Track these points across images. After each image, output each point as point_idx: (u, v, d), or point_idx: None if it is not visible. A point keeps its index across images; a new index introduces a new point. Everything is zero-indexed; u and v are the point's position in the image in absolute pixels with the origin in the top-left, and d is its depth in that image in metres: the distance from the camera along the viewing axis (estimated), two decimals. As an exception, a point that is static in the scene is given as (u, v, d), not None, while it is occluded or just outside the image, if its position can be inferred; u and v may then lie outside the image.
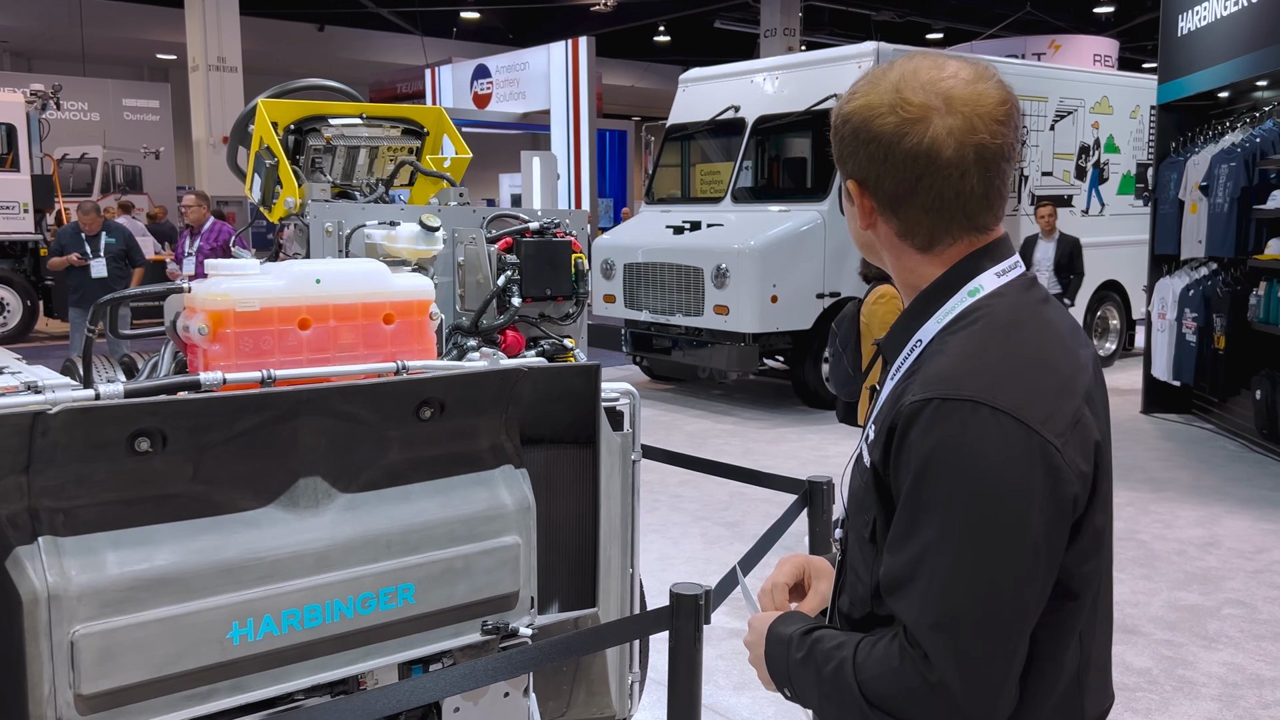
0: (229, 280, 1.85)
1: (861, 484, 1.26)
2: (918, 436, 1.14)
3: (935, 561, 1.11)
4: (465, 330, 2.55)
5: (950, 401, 1.13)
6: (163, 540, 1.68)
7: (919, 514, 1.13)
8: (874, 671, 1.16)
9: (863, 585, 1.26)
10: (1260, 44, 6.92)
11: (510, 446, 2.03)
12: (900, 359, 1.26)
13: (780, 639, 1.29)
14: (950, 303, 1.24)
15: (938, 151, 1.18)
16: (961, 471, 1.11)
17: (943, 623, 1.11)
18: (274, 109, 2.61)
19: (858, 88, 1.25)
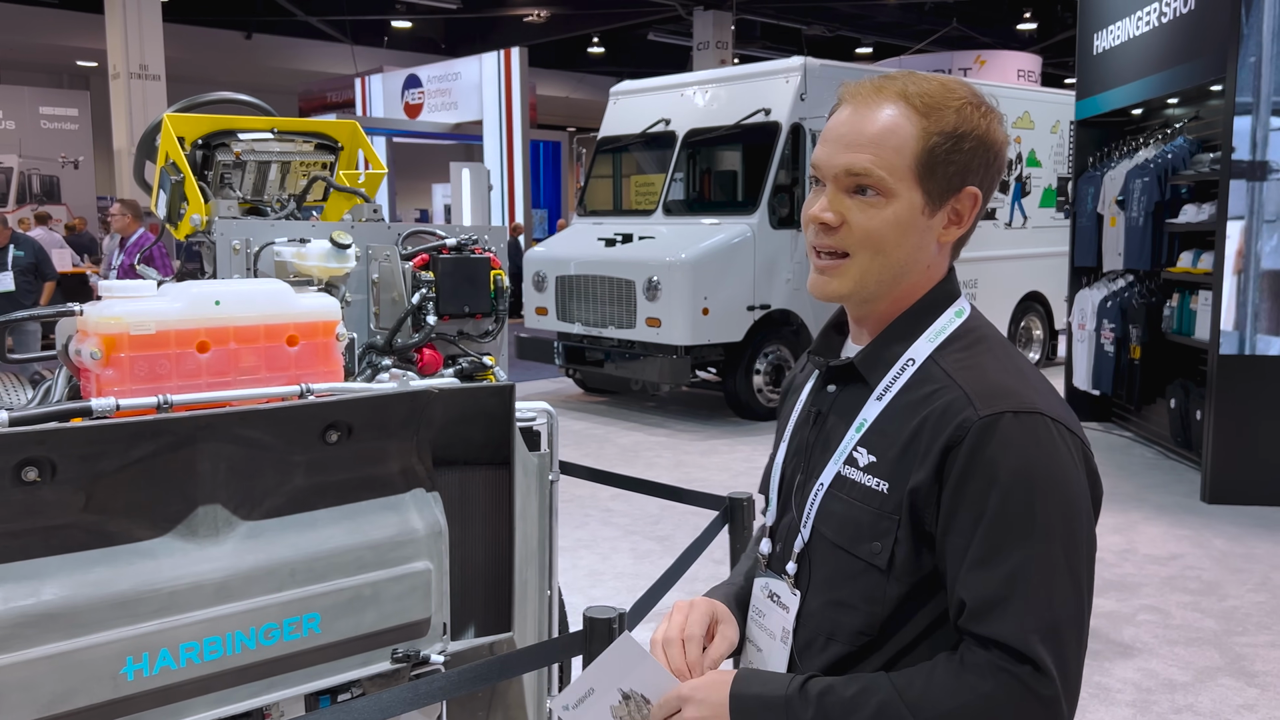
0: (123, 302, 1.79)
1: (864, 512, 1.21)
2: (997, 451, 1.13)
3: (1038, 574, 1.11)
4: (380, 349, 2.51)
5: (1024, 415, 1.15)
6: (51, 574, 1.61)
7: (1008, 529, 1.12)
8: (947, 705, 1.11)
9: (857, 616, 1.21)
10: (1170, 63, 7.15)
11: (422, 469, 2.00)
12: (890, 378, 1.24)
13: (765, 702, 1.18)
14: (939, 323, 1.25)
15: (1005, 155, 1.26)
16: (1052, 485, 1.13)
17: (1053, 634, 1.11)
18: (180, 123, 2.54)
19: (960, 99, 1.23)
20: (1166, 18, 7.20)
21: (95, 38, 18.58)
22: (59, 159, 19.81)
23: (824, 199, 1.24)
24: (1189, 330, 7.12)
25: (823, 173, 1.25)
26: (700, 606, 1.34)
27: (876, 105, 1.23)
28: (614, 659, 1.32)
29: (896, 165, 1.21)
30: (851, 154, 1.21)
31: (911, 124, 1.21)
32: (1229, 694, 3.83)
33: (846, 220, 1.22)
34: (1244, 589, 4.89)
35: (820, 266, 1.26)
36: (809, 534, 1.27)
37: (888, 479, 1.19)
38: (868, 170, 1.21)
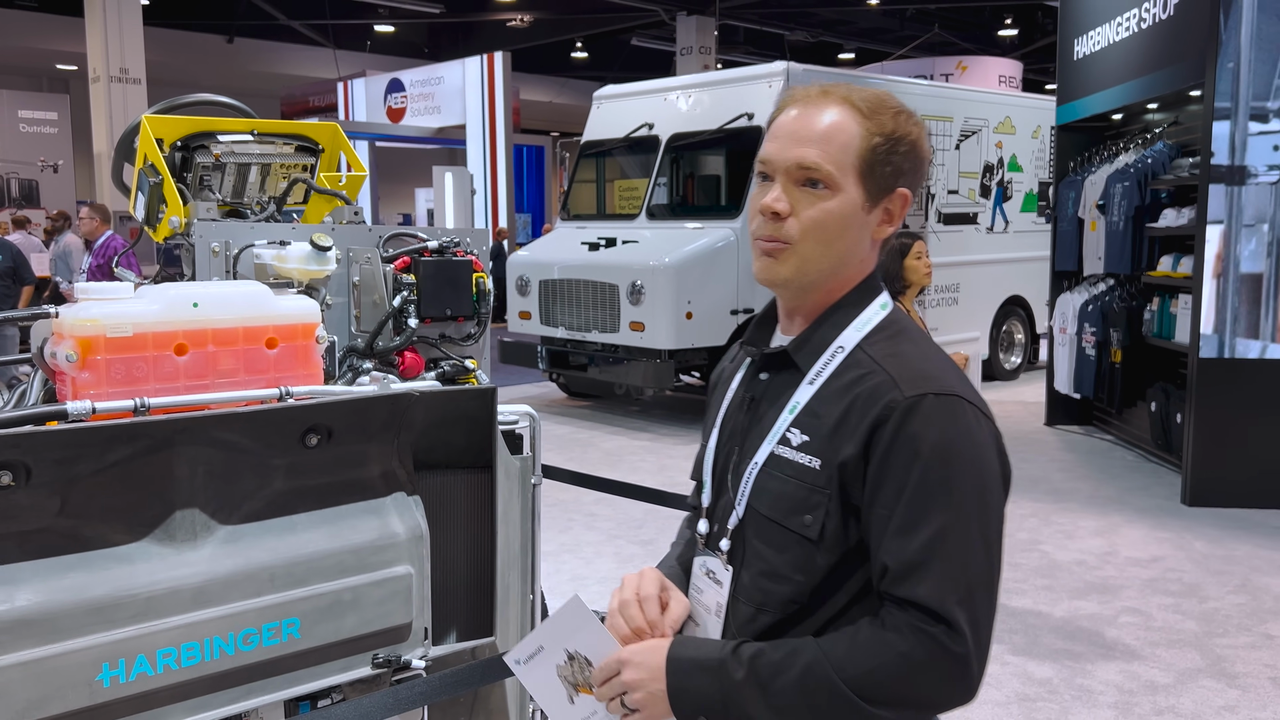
0: (99, 304, 1.77)
1: (797, 487, 1.29)
2: (920, 427, 1.23)
3: (955, 541, 1.21)
4: (360, 352, 2.49)
5: (944, 397, 1.25)
6: (25, 579, 1.59)
7: (929, 499, 1.21)
8: (868, 664, 1.20)
9: (788, 586, 1.29)
10: (1150, 68, 7.20)
11: (403, 473, 1.98)
12: (820, 364, 1.33)
13: (700, 665, 1.26)
14: (865, 314, 1.36)
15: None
16: (967, 459, 1.24)
17: (967, 597, 1.20)
18: (159, 125, 2.52)
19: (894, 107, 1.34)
20: (1146, 23, 7.25)
21: (75, 41, 18.45)
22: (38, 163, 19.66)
23: (776, 190, 1.32)
24: (1169, 334, 7.17)
25: (773, 167, 1.33)
26: (650, 574, 1.41)
27: (823, 106, 1.33)
28: (563, 620, 1.38)
29: (842, 161, 1.31)
30: (802, 149, 1.31)
31: (856, 124, 1.31)
32: (1210, 695, 3.85)
33: (795, 211, 1.32)
34: (1224, 591, 4.92)
35: (768, 249, 1.33)
36: (743, 511, 1.35)
37: (819, 456, 1.28)
38: (817, 164, 1.30)
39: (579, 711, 1.39)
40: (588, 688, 1.38)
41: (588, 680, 1.37)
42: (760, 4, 20.88)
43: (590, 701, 1.38)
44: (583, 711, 1.39)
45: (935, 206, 10.27)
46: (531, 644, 1.43)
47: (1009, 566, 5.27)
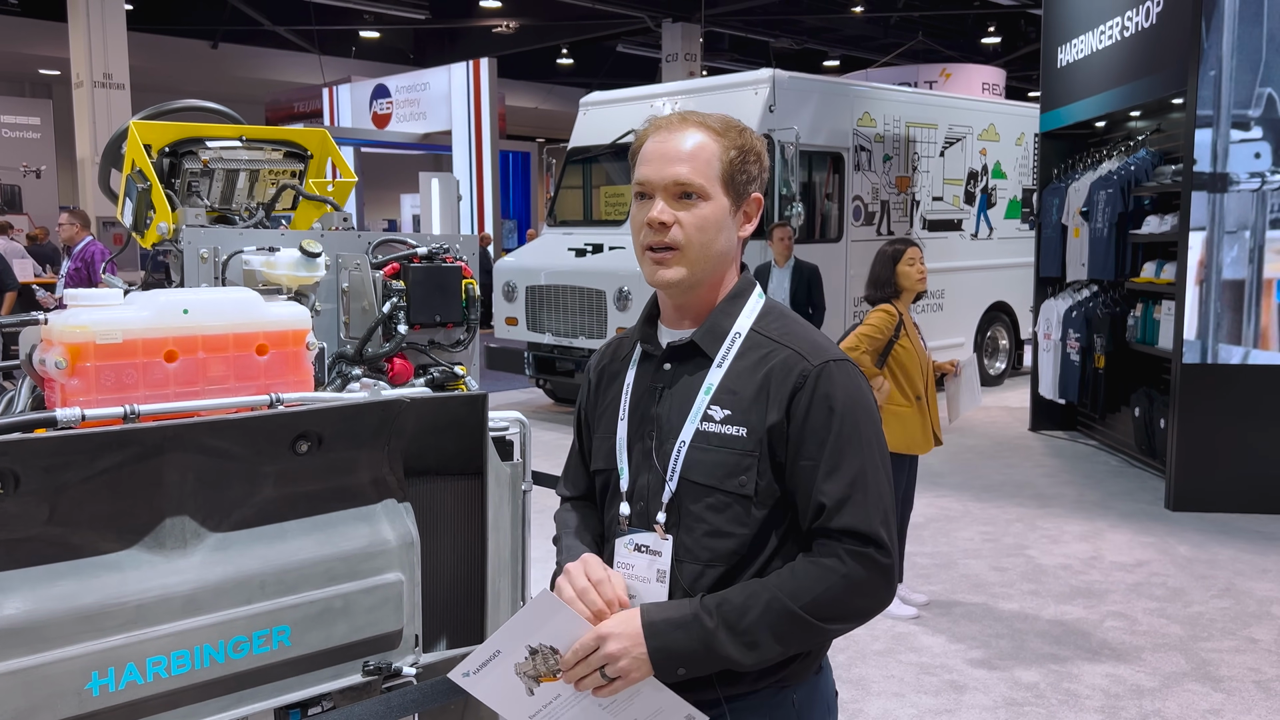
0: (89, 311, 1.76)
1: (728, 454, 1.50)
2: (829, 389, 1.48)
3: (870, 476, 1.47)
4: (350, 359, 2.49)
5: (841, 362, 1.52)
6: (14, 587, 1.58)
7: (844, 447, 1.47)
8: (816, 590, 1.43)
9: (732, 540, 1.49)
10: (1133, 76, 7.26)
11: (393, 479, 1.98)
12: (724, 349, 1.55)
13: (674, 623, 1.43)
14: (749, 304, 1.59)
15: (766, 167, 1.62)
16: (866, 410, 1.51)
17: (887, 518, 1.47)
18: (147, 131, 2.51)
19: (739, 125, 1.58)
20: (1129, 32, 7.31)
21: (58, 46, 18.34)
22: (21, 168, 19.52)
23: (659, 204, 1.52)
24: (1152, 339, 7.22)
25: (652, 186, 1.53)
26: (591, 559, 1.54)
27: (684, 130, 1.55)
28: (530, 616, 1.46)
29: (709, 174, 1.53)
30: (675, 167, 1.52)
31: (714, 142, 1.54)
32: (1195, 699, 3.87)
33: (678, 220, 1.51)
34: (1208, 595, 4.95)
35: (657, 259, 1.53)
36: (675, 484, 1.53)
37: (744, 425, 1.50)
38: (689, 179, 1.51)
39: (539, 699, 1.48)
40: (551, 676, 1.46)
41: (552, 669, 1.46)
42: (745, 11, 20.93)
43: (552, 688, 1.47)
44: (544, 698, 1.47)
45: (920, 213, 10.31)
46: (486, 652, 1.50)
47: (994, 570, 5.29)
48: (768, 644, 1.42)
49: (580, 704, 1.47)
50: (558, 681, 1.46)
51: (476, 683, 1.50)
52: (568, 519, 1.75)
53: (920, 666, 4.11)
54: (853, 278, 9.48)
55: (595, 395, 1.73)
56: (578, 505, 1.76)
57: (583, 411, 1.77)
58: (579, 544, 1.67)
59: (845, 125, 9.52)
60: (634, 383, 1.64)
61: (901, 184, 10.12)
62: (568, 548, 1.67)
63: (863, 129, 9.69)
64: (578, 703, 1.47)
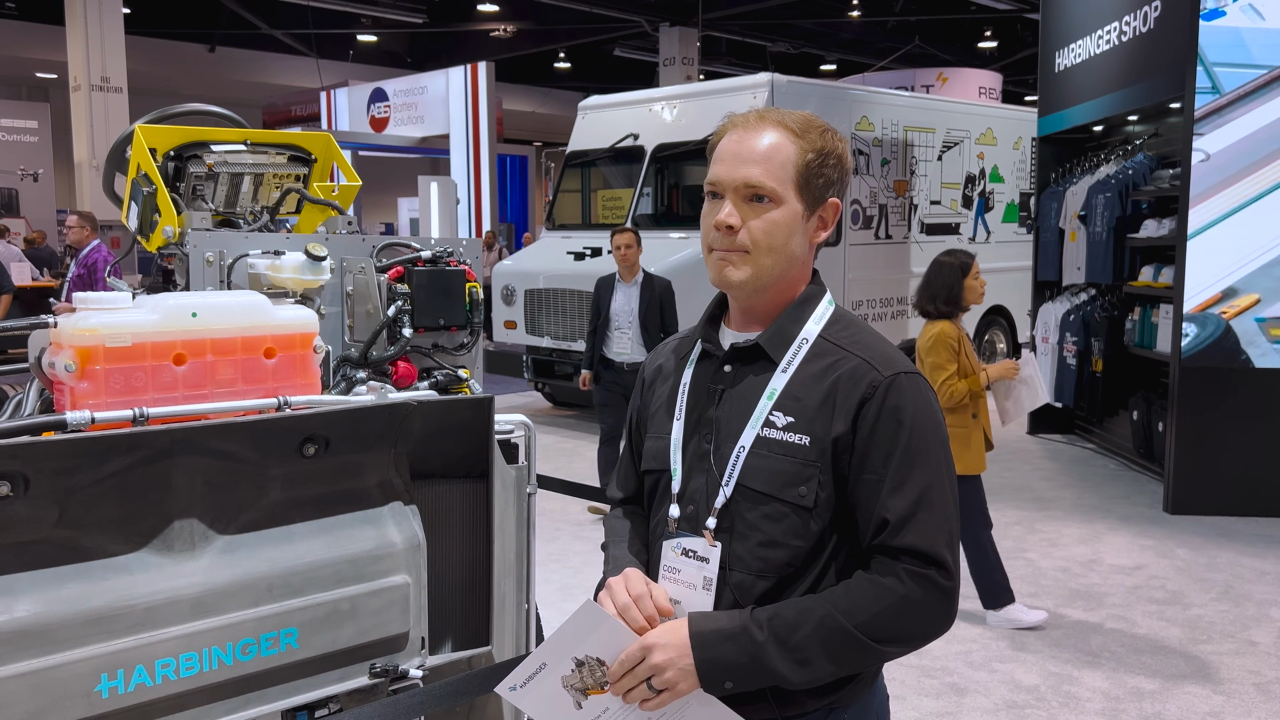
0: (98, 314, 1.76)
1: (789, 463, 1.44)
2: (899, 401, 1.42)
3: (937, 494, 1.41)
4: (354, 362, 2.49)
5: (912, 375, 1.46)
6: (24, 590, 1.58)
7: (912, 462, 1.41)
8: (873, 609, 1.38)
9: (786, 551, 1.44)
10: (1130, 80, 7.28)
11: (399, 482, 1.98)
12: (790, 354, 1.50)
13: (723, 634, 1.39)
14: (819, 309, 1.54)
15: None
16: (936, 425, 1.45)
17: (951, 540, 1.41)
18: (152, 134, 2.51)
19: (821, 126, 1.52)
20: (1126, 36, 7.33)
21: (55, 49, 18.34)
22: (18, 171, 19.50)
23: (727, 206, 1.48)
24: (1150, 343, 7.24)
25: (722, 186, 1.50)
26: (633, 574, 1.49)
27: (761, 130, 1.50)
28: (576, 626, 1.42)
29: (782, 177, 1.48)
30: (747, 168, 1.47)
31: (791, 144, 1.48)
32: (1196, 701, 3.88)
33: (746, 223, 1.48)
34: (1207, 598, 4.96)
35: (724, 258, 1.50)
36: (731, 490, 1.48)
37: (807, 433, 1.44)
38: (761, 181, 1.47)
39: (588, 714, 1.43)
40: (599, 688, 1.42)
41: (599, 681, 1.42)
42: (743, 15, 20.97)
43: (600, 701, 1.42)
44: (593, 712, 1.44)
45: (918, 217, 10.34)
46: (532, 664, 1.46)
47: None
48: (819, 662, 1.37)
49: (630, 717, 1.43)
50: (605, 694, 1.42)
51: (524, 696, 1.47)
52: (617, 526, 1.71)
53: (920, 669, 4.12)
54: (851, 281, 9.50)
55: (647, 395, 1.69)
56: (628, 512, 1.72)
57: (633, 414, 1.73)
58: (625, 555, 1.62)
59: (843, 129, 9.53)
60: (692, 383, 1.59)
61: (899, 188, 10.15)
62: (614, 558, 1.63)
63: (861, 133, 9.71)
64: (626, 717, 1.43)
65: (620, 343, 6.30)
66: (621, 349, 6.29)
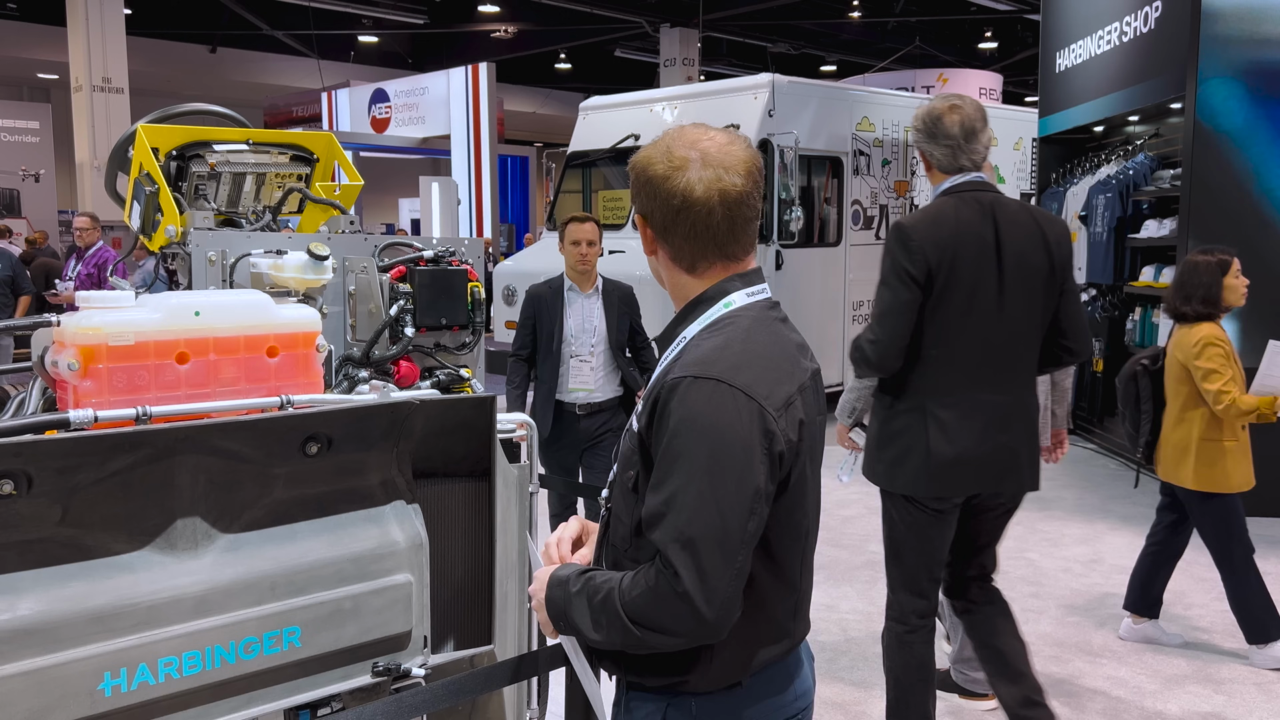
0: (101, 313, 1.77)
1: (629, 446, 1.59)
2: (675, 405, 1.49)
3: (683, 498, 1.45)
4: (357, 361, 2.49)
5: (700, 380, 1.50)
6: (27, 588, 1.59)
7: (672, 463, 1.47)
8: (634, 593, 1.48)
9: (624, 527, 1.59)
10: (1131, 81, 7.29)
11: (402, 481, 1.99)
12: (669, 352, 1.62)
13: (558, 581, 1.58)
14: (709, 312, 1.61)
15: (690, 193, 1.56)
16: (703, 431, 1.47)
17: (687, 543, 1.44)
18: (155, 134, 2.52)
19: (645, 144, 1.64)
20: (1127, 37, 7.34)
21: (57, 50, 18.34)
22: (19, 172, 19.51)
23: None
24: (1151, 343, 7.24)
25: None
26: (575, 521, 1.74)
27: None
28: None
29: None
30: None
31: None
32: (1196, 701, 3.88)
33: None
34: (1208, 598, 4.96)
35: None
36: (616, 469, 1.67)
37: (641, 423, 1.57)
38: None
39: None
40: None
41: None
42: (743, 16, 20.97)
43: None
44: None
45: (919, 217, 10.33)
46: None
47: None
48: (604, 629, 1.51)
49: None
50: None
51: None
52: None
53: (922, 669, 4.12)
54: (851, 282, 9.49)
55: None
56: None
57: None
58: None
59: (844, 130, 9.54)
60: None
61: (900, 188, 10.15)
62: None
63: (861, 133, 9.71)
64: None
65: (580, 376, 4.62)
66: (582, 384, 4.62)
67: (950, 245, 2.89)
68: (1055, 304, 3.03)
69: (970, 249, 2.91)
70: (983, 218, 2.94)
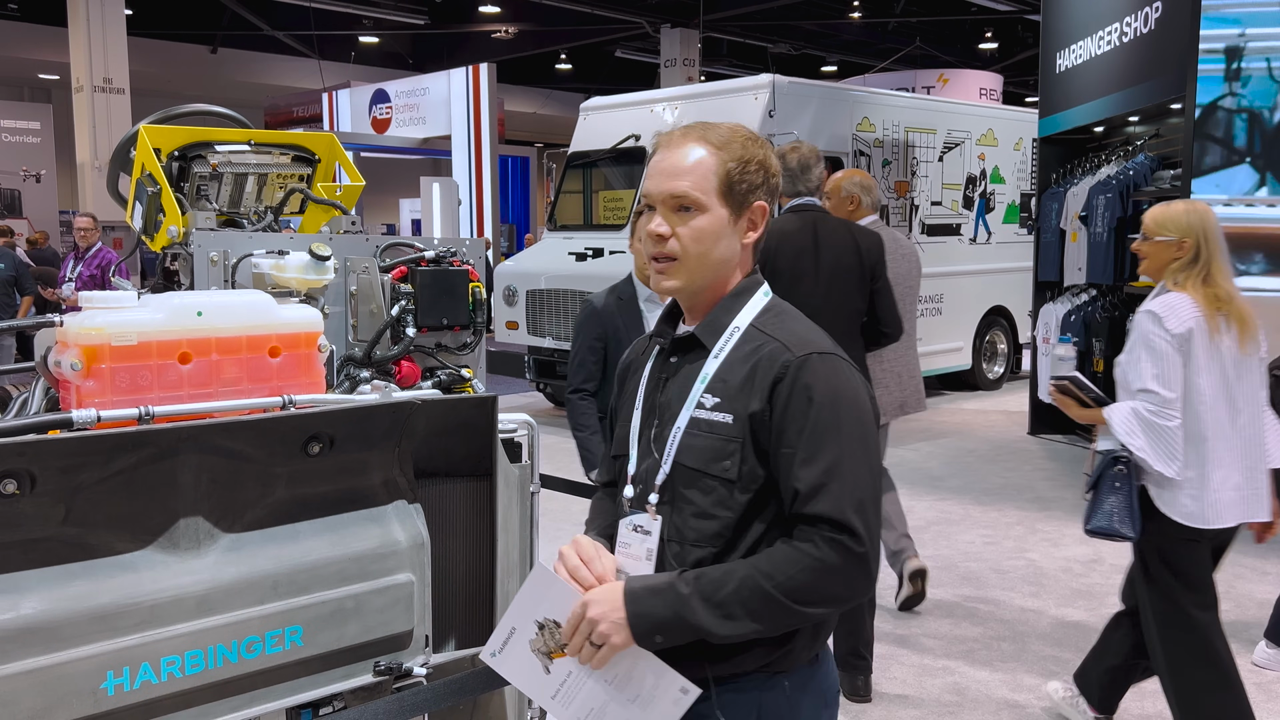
0: (104, 313, 1.77)
1: (715, 440, 1.58)
2: (810, 380, 1.54)
3: (846, 465, 1.52)
4: (358, 361, 2.50)
5: (825, 355, 1.58)
6: (30, 587, 1.59)
7: (822, 436, 1.52)
8: (790, 571, 1.49)
9: (717, 521, 1.57)
10: (1131, 81, 7.29)
11: (403, 481, 1.99)
12: (722, 341, 1.63)
13: (652, 589, 1.52)
14: (752, 301, 1.66)
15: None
16: (848, 402, 1.56)
17: (859, 506, 1.51)
18: (157, 135, 2.52)
19: (741, 136, 1.66)
20: (1127, 37, 7.34)
21: (58, 50, 18.35)
22: (20, 172, 19.53)
23: (658, 218, 1.63)
24: (1151, 344, 7.23)
25: (653, 199, 1.65)
26: (583, 540, 1.66)
27: (684, 146, 1.64)
28: (530, 590, 1.56)
29: (706, 187, 1.62)
30: (673, 182, 1.62)
31: (713, 156, 1.62)
32: (1196, 701, 3.87)
33: (675, 232, 1.62)
34: (1208, 598, 4.96)
35: (658, 269, 1.64)
36: (669, 468, 1.63)
37: (730, 413, 1.58)
38: (686, 192, 1.61)
39: (556, 677, 1.54)
40: (560, 650, 1.53)
41: (559, 642, 1.53)
42: (744, 16, 20.99)
43: (565, 663, 1.53)
44: (559, 675, 1.54)
45: (919, 218, 10.34)
46: (503, 629, 1.57)
47: (995, 573, 5.31)
48: (741, 619, 1.49)
49: (591, 680, 1.53)
50: (566, 657, 1.53)
51: (502, 662, 1.57)
52: (592, 508, 1.89)
53: (922, 668, 4.13)
54: (852, 282, 9.49)
55: (620, 388, 1.85)
56: (603, 495, 1.89)
57: (612, 405, 1.89)
58: (593, 531, 1.79)
59: (844, 130, 9.55)
60: (649, 374, 1.75)
61: (900, 189, 10.15)
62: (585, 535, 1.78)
63: (862, 134, 9.72)
64: (588, 678, 1.53)
65: None
66: None
67: (770, 247, 3.71)
68: (869, 297, 3.87)
69: (789, 249, 3.78)
70: (803, 229, 3.86)
